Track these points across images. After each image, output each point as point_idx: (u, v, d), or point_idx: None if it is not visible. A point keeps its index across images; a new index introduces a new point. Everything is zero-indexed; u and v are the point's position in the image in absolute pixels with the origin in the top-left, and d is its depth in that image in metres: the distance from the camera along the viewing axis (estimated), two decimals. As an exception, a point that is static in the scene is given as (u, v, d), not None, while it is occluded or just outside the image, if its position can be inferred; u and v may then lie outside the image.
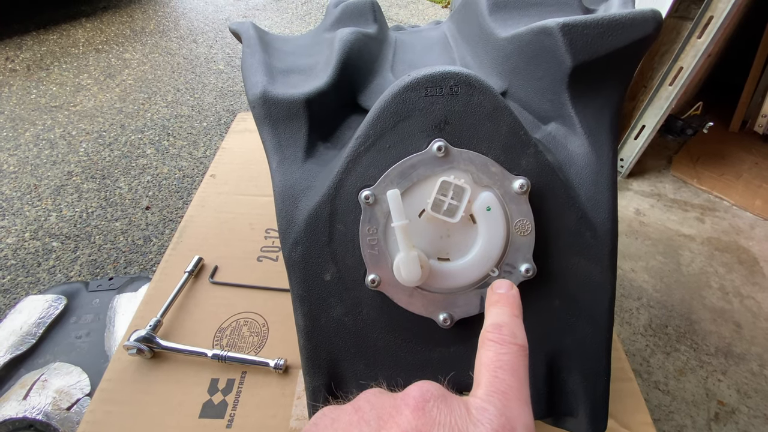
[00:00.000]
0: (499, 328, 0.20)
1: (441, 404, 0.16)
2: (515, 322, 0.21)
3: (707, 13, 1.08)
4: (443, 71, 0.28)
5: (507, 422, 0.16)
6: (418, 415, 0.16)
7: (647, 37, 0.29)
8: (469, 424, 0.16)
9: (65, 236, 1.19)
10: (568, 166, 0.30)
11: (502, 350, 0.19)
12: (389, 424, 0.16)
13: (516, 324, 0.21)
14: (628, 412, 0.39)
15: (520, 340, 0.20)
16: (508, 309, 0.22)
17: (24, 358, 0.61)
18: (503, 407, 0.16)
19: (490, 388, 0.17)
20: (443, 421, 0.16)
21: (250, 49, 0.36)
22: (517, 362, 0.19)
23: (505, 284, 0.24)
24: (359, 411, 0.17)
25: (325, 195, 0.29)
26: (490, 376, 0.18)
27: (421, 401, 0.16)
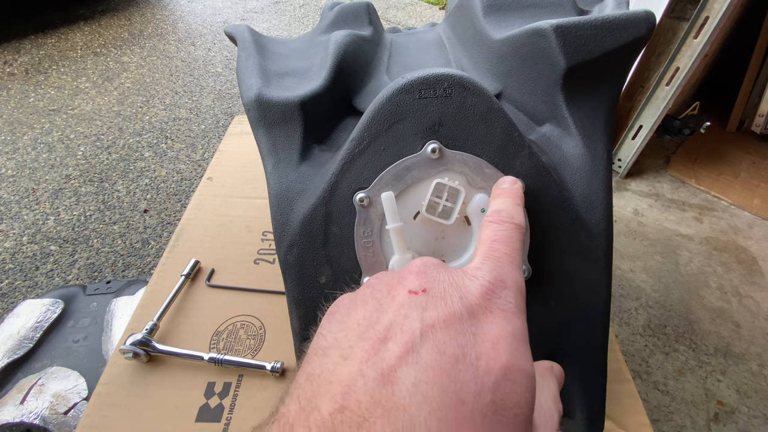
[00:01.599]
0: (498, 212, 0.22)
1: (440, 268, 0.18)
2: (514, 208, 0.23)
3: (703, 14, 1.09)
4: (437, 73, 0.28)
5: (498, 278, 0.18)
6: (421, 276, 0.18)
7: (640, 38, 0.29)
8: (465, 279, 0.18)
9: (63, 240, 1.19)
10: (563, 167, 0.30)
11: (499, 228, 0.21)
12: (397, 288, 0.18)
13: (515, 209, 0.23)
14: (625, 413, 0.39)
15: (518, 220, 0.22)
16: (510, 198, 0.24)
17: (21, 363, 0.60)
18: (496, 267, 0.18)
19: (485, 255, 0.19)
20: (443, 278, 0.18)
21: (245, 53, 0.36)
22: (512, 236, 0.21)
23: (509, 180, 0.26)
24: (370, 286, 0.19)
25: (320, 197, 0.29)
26: (486, 247, 0.20)
27: (423, 267, 0.18)
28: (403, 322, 0.16)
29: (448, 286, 0.17)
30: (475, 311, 0.16)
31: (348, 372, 0.14)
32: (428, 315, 0.16)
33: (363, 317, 0.17)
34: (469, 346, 0.15)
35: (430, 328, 0.15)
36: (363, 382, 0.14)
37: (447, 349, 0.14)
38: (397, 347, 0.15)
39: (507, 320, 0.16)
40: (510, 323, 0.16)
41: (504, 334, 0.16)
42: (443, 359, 0.14)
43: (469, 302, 0.16)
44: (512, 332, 0.16)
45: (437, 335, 0.15)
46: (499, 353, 0.15)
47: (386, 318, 0.16)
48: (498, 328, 0.16)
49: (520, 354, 0.15)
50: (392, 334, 0.15)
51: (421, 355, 0.14)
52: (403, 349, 0.15)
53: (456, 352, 0.14)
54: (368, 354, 0.15)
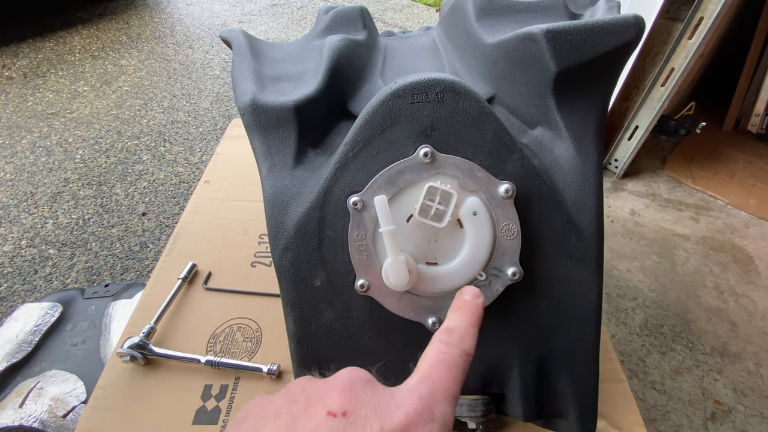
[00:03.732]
0: (449, 332, 0.21)
1: (367, 387, 0.18)
2: (468, 330, 0.21)
3: (697, 14, 1.09)
4: (429, 78, 0.28)
5: (426, 409, 0.17)
6: (344, 395, 0.17)
7: (629, 42, 0.29)
8: (391, 405, 0.17)
9: (62, 243, 1.19)
10: (554, 170, 0.30)
11: (445, 350, 0.20)
12: (317, 404, 0.17)
13: (468, 331, 0.21)
14: (619, 412, 0.39)
15: (467, 346, 0.21)
16: (467, 317, 0.22)
17: (20, 366, 0.61)
18: (428, 396, 0.17)
19: (422, 377, 0.19)
20: (368, 401, 0.17)
21: (239, 57, 0.36)
22: (455, 363, 0.20)
23: (471, 292, 0.24)
24: (289, 394, 0.18)
25: (315, 201, 0.29)
26: (426, 367, 0.19)
27: (349, 383, 0.17)
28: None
29: (370, 413, 0.16)
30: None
31: None
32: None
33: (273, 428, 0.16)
34: None
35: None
36: None
37: None
38: None
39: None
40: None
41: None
42: None
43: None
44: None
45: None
46: None
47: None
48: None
49: None
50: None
51: None
52: None
53: None
54: None
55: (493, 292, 0.29)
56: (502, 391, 0.32)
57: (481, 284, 0.29)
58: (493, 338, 0.30)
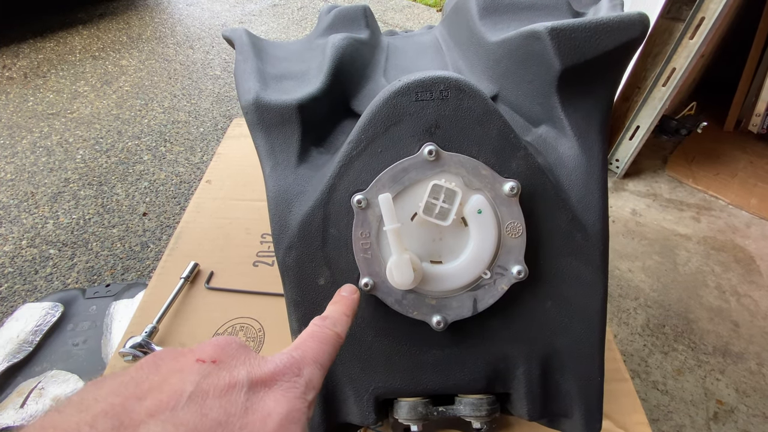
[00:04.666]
0: (324, 318, 0.23)
1: (242, 348, 0.18)
2: (341, 318, 0.23)
3: (699, 14, 1.09)
4: (433, 76, 0.28)
5: (294, 365, 0.18)
6: (217, 349, 0.17)
7: (634, 40, 0.29)
8: (261, 360, 0.18)
9: (62, 243, 1.19)
10: (559, 168, 0.30)
11: (318, 329, 0.22)
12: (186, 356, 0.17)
13: (341, 320, 0.23)
14: (624, 412, 0.39)
15: (339, 330, 0.22)
16: (341, 308, 0.24)
17: (21, 366, 0.60)
18: (298, 357, 0.19)
19: (292, 347, 0.20)
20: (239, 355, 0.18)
21: (242, 56, 0.36)
22: (326, 338, 0.21)
23: (348, 289, 0.26)
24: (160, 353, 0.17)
25: (318, 200, 0.29)
26: (298, 340, 0.21)
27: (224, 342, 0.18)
28: (175, 383, 0.15)
29: (240, 363, 0.17)
30: (257, 387, 0.16)
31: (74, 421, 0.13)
32: (206, 381, 0.15)
33: (131, 377, 0.15)
34: (237, 415, 0.15)
35: (203, 392, 0.15)
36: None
37: (211, 413, 0.14)
38: (152, 404, 0.14)
39: (286, 400, 0.16)
40: (288, 403, 0.16)
41: (278, 411, 0.16)
42: (202, 422, 0.14)
43: (254, 378, 0.16)
44: (287, 412, 0.16)
45: (207, 400, 0.14)
46: (265, 427, 0.15)
47: (156, 379, 0.15)
48: (274, 405, 0.16)
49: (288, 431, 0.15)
50: (155, 393, 0.14)
51: (178, 414, 0.14)
52: (158, 406, 0.14)
53: (220, 418, 0.14)
54: (112, 407, 0.13)
55: (497, 291, 0.29)
56: (507, 391, 0.32)
57: (486, 282, 0.29)
58: (498, 337, 0.30)
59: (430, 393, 0.31)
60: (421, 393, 0.31)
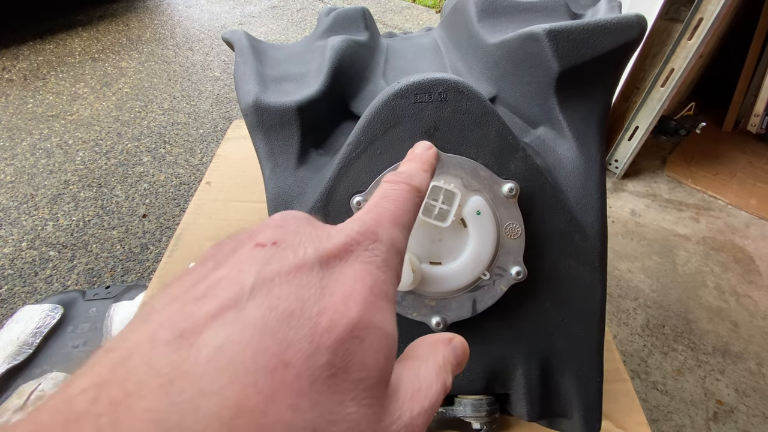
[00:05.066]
0: (398, 173, 0.20)
1: (305, 221, 0.16)
2: (417, 171, 0.21)
3: (697, 15, 1.09)
4: (432, 78, 0.28)
5: (370, 230, 0.15)
6: (277, 229, 0.15)
7: (632, 41, 0.29)
8: (330, 231, 0.15)
9: (62, 245, 1.19)
10: (557, 169, 0.30)
11: (391, 186, 0.19)
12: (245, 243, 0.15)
13: (417, 172, 0.20)
14: (623, 412, 0.39)
15: (416, 183, 0.19)
16: (416, 164, 0.22)
17: (21, 369, 0.60)
18: (372, 221, 0.16)
19: (366, 209, 0.17)
20: (303, 231, 0.15)
21: (242, 58, 0.36)
22: (402, 195, 0.18)
23: (422, 145, 0.24)
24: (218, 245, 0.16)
25: (318, 201, 0.29)
26: (371, 203, 0.18)
27: (282, 219, 0.16)
28: (235, 276, 0.13)
29: (305, 239, 0.14)
30: (330, 262, 0.14)
31: (137, 337, 0.11)
32: (269, 268, 0.13)
33: (190, 278, 0.14)
34: (313, 299, 0.13)
35: (267, 281, 0.13)
36: (149, 348, 0.11)
37: (281, 304, 0.12)
38: (213, 304, 0.12)
39: (368, 272, 0.14)
40: (370, 276, 0.14)
41: (360, 287, 0.13)
42: (272, 315, 0.12)
43: (325, 252, 0.14)
44: (371, 285, 0.14)
45: (273, 289, 0.12)
46: (349, 308, 0.13)
47: (216, 275, 0.13)
48: (354, 281, 0.14)
49: (377, 309, 0.13)
50: (214, 291, 0.13)
51: (243, 312, 0.12)
52: (220, 305, 0.12)
53: (292, 307, 0.12)
54: (171, 314, 0.12)
55: (497, 292, 0.29)
56: (506, 391, 0.32)
57: (485, 283, 0.29)
58: (497, 337, 0.30)
59: (429, 394, 0.31)
60: (421, 394, 0.31)
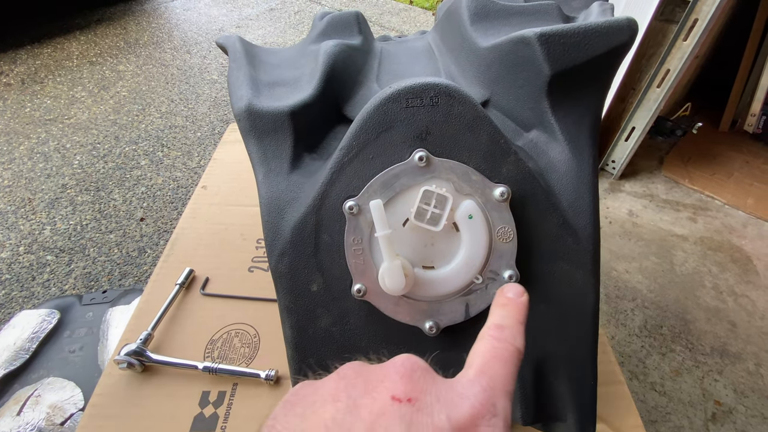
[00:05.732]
0: (501, 329, 0.20)
1: (427, 375, 0.17)
2: (518, 328, 0.21)
3: (692, 16, 1.10)
4: (423, 83, 0.28)
5: (490, 402, 0.16)
6: (406, 381, 0.16)
7: (623, 44, 0.29)
8: (454, 395, 0.16)
9: (59, 249, 1.19)
10: (550, 172, 0.31)
11: (498, 345, 0.19)
12: (379, 388, 0.16)
13: (518, 329, 0.21)
14: (619, 415, 0.39)
15: (519, 345, 0.20)
16: (515, 314, 0.22)
17: (18, 374, 0.60)
18: (489, 389, 0.17)
19: (480, 371, 0.18)
20: (430, 390, 0.16)
21: (235, 63, 0.37)
22: (510, 359, 0.19)
23: (515, 289, 0.24)
24: (345, 378, 0.17)
25: (311, 206, 0.30)
26: (482, 361, 0.18)
27: (410, 369, 0.17)
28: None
29: (434, 401, 0.15)
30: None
31: None
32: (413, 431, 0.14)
33: (332, 418, 0.15)
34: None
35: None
36: None
37: None
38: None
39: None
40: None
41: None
42: None
43: (456, 424, 0.15)
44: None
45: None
46: None
47: (362, 425, 0.14)
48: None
49: None
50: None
51: None
52: None
53: None
54: None
55: (490, 296, 0.29)
56: (501, 395, 0.32)
57: (478, 287, 0.29)
58: (491, 341, 0.30)
59: (423, 398, 0.31)
60: (415, 398, 0.31)
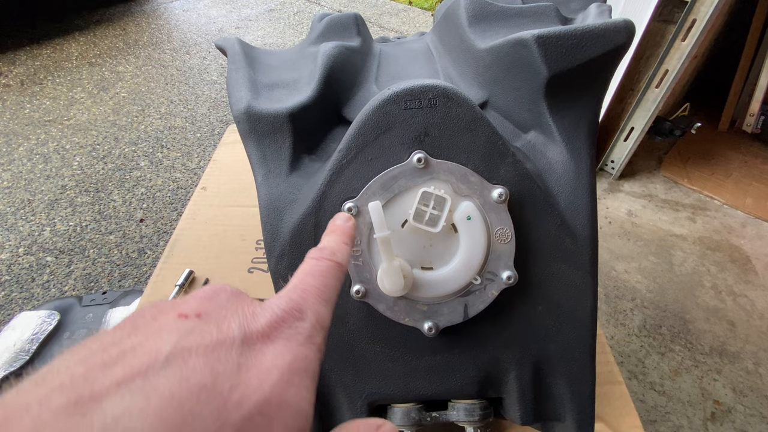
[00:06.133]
0: (321, 250, 0.21)
1: (233, 296, 0.16)
2: (339, 246, 0.21)
3: (690, 17, 1.10)
4: (422, 85, 0.28)
5: (296, 308, 0.16)
6: (204, 301, 0.15)
7: (620, 46, 0.29)
8: (256, 308, 0.15)
9: (59, 251, 1.19)
10: (547, 173, 0.31)
11: (316, 263, 0.19)
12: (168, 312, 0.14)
13: (340, 246, 0.21)
14: (617, 415, 0.39)
15: (339, 258, 0.20)
16: (339, 237, 0.22)
17: (18, 375, 0.60)
18: (298, 299, 0.16)
19: (291, 287, 0.17)
20: (230, 306, 0.15)
21: (234, 65, 0.37)
22: (327, 271, 0.19)
23: (342, 217, 0.25)
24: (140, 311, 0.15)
25: (310, 207, 0.30)
26: (296, 279, 0.18)
27: (212, 292, 0.16)
28: (151, 344, 0.13)
29: (231, 315, 0.15)
30: (252, 340, 0.14)
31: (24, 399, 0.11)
32: (189, 339, 0.13)
33: (102, 342, 0.13)
34: (227, 375, 0.12)
35: (184, 351, 0.12)
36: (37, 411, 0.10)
37: (194, 376, 0.12)
38: (121, 371, 0.12)
39: (288, 350, 0.14)
40: (291, 353, 0.14)
41: (278, 364, 0.14)
42: (182, 387, 0.11)
43: (249, 330, 0.14)
44: (289, 362, 0.14)
45: (189, 360, 0.12)
46: (263, 384, 0.13)
47: (130, 341, 0.13)
48: (273, 358, 0.14)
49: (292, 386, 0.13)
50: (125, 357, 0.12)
51: (151, 380, 0.11)
52: (129, 373, 0.11)
53: (204, 381, 0.12)
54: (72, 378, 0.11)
55: (488, 296, 0.29)
56: (500, 395, 0.32)
57: (477, 288, 0.29)
58: (489, 342, 0.30)
59: (423, 399, 0.31)
60: (414, 399, 0.31)
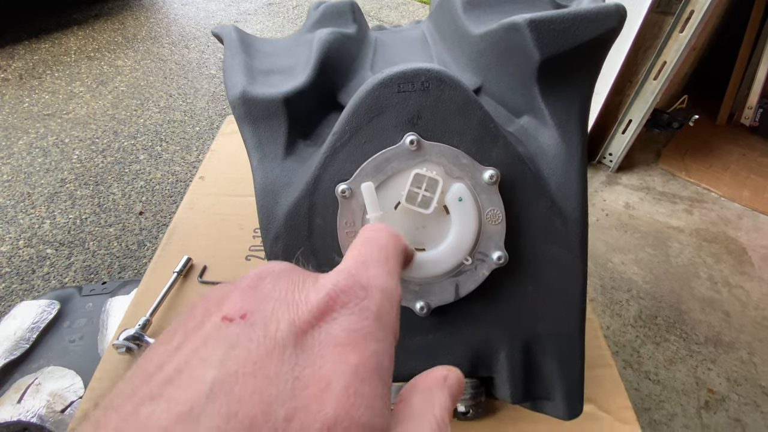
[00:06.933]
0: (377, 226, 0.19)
1: (281, 278, 0.14)
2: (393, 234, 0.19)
3: (688, 8, 1.10)
4: (415, 68, 0.29)
5: (358, 282, 0.14)
6: (246, 295, 0.13)
7: (611, 30, 0.30)
8: (310, 291, 0.13)
9: (59, 243, 1.19)
10: (539, 157, 0.31)
11: (374, 231, 0.18)
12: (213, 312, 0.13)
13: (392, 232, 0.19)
14: (607, 396, 0.40)
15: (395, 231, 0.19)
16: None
17: (18, 363, 0.61)
18: (356, 271, 0.14)
19: (350, 256, 0.15)
20: (276, 295, 0.13)
21: (230, 52, 0.37)
22: (386, 241, 0.17)
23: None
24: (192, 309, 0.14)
25: (304, 190, 0.30)
26: (353, 251, 0.16)
27: (255, 280, 0.14)
28: (195, 368, 0.11)
29: (279, 306, 0.13)
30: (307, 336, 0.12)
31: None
32: (235, 355, 0.11)
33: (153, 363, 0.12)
34: (280, 399, 0.10)
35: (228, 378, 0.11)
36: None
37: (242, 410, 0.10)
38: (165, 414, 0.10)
39: (353, 345, 0.12)
40: (356, 350, 0.12)
41: (341, 371, 0.11)
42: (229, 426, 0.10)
43: (301, 323, 0.12)
44: (356, 365, 0.11)
45: (235, 389, 0.10)
46: (324, 404, 0.10)
47: (176, 361, 0.11)
48: (334, 363, 0.11)
49: (362, 400, 0.11)
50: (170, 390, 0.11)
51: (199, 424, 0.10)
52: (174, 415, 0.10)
53: (254, 413, 0.10)
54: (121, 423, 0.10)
55: (479, 276, 0.29)
56: (490, 374, 0.32)
57: (468, 268, 0.29)
58: (480, 321, 0.31)
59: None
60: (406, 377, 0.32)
